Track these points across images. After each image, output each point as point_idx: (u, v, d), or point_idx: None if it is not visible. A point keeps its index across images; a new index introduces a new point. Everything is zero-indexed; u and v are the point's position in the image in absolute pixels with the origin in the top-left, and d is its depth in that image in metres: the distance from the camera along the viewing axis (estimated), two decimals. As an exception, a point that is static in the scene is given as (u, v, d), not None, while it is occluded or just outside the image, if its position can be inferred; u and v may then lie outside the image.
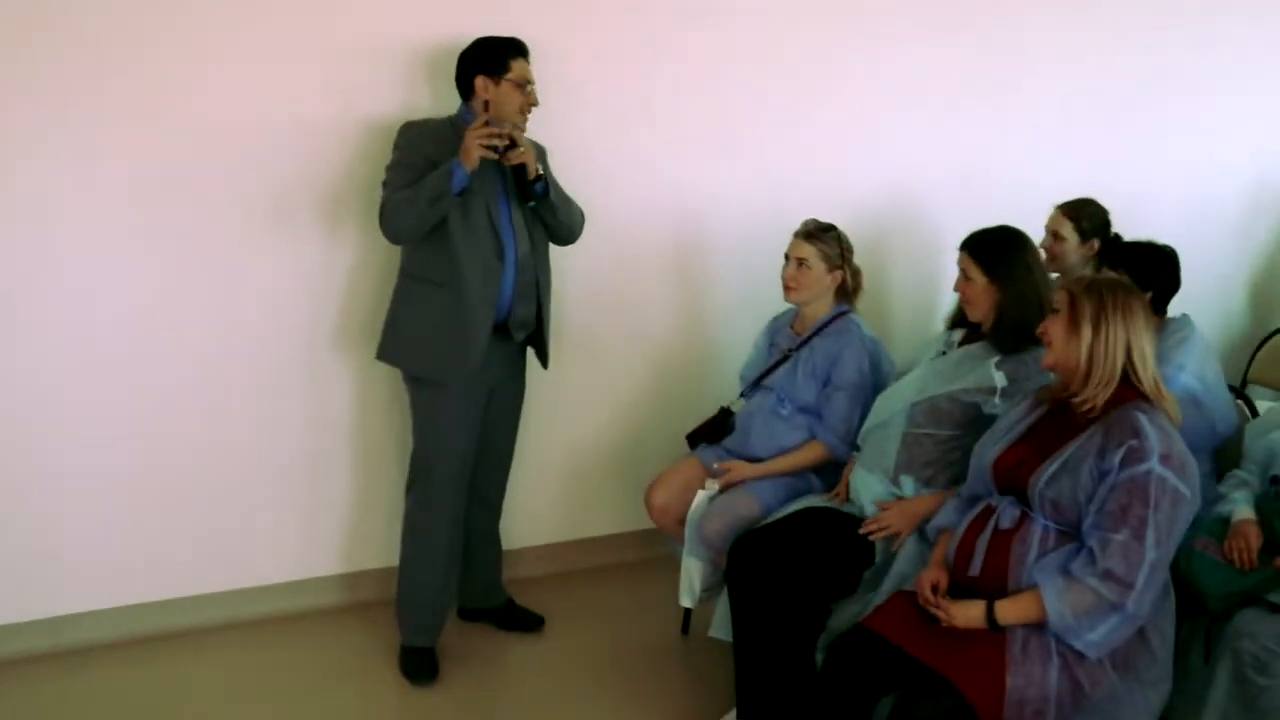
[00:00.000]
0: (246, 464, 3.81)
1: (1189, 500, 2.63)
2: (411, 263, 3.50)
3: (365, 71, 3.67)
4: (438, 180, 3.28)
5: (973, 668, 2.60)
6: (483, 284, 3.41)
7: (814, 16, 4.34)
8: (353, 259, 3.79)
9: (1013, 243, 3.23)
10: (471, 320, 3.40)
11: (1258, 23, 5.22)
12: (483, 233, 3.40)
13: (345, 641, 3.83)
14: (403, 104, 3.70)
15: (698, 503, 3.59)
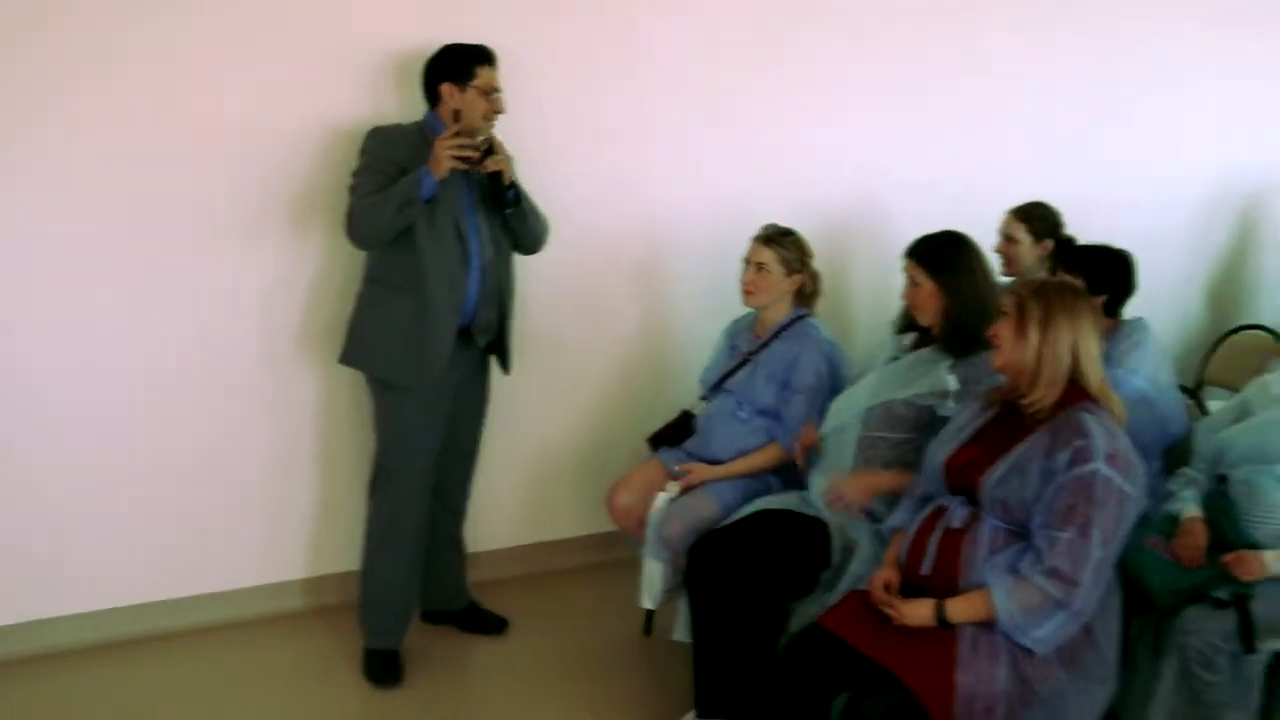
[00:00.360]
0: (210, 468, 3.83)
1: (1134, 499, 2.69)
2: (376, 268, 3.52)
3: (332, 76, 3.69)
4: (406, 187, 3.30)
5: (923, 665, 2.65)
6: (448, 290, 3.43)
7: (780, 22, 4.38)
8: (318, 264, 3.80)
9: (958, 247, 3.28)
10: (436, 326, 3.43)
11: (1214, 29, 5.28)
12: (448, 239, 3.43)
13: (309, 645, 3.85)
14: (370, 110, 3.72)
15: (658, 505, 3.62)
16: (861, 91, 4.60)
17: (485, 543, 4.24)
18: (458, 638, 3.94)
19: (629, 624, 4.02)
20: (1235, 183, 5.58)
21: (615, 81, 4.16)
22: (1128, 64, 5.13)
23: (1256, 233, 5.68)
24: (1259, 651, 2.94)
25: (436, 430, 3.60)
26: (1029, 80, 4.92)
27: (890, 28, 4.60)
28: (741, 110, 4.39)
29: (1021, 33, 4.86)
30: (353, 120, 3.68)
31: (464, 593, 4.00)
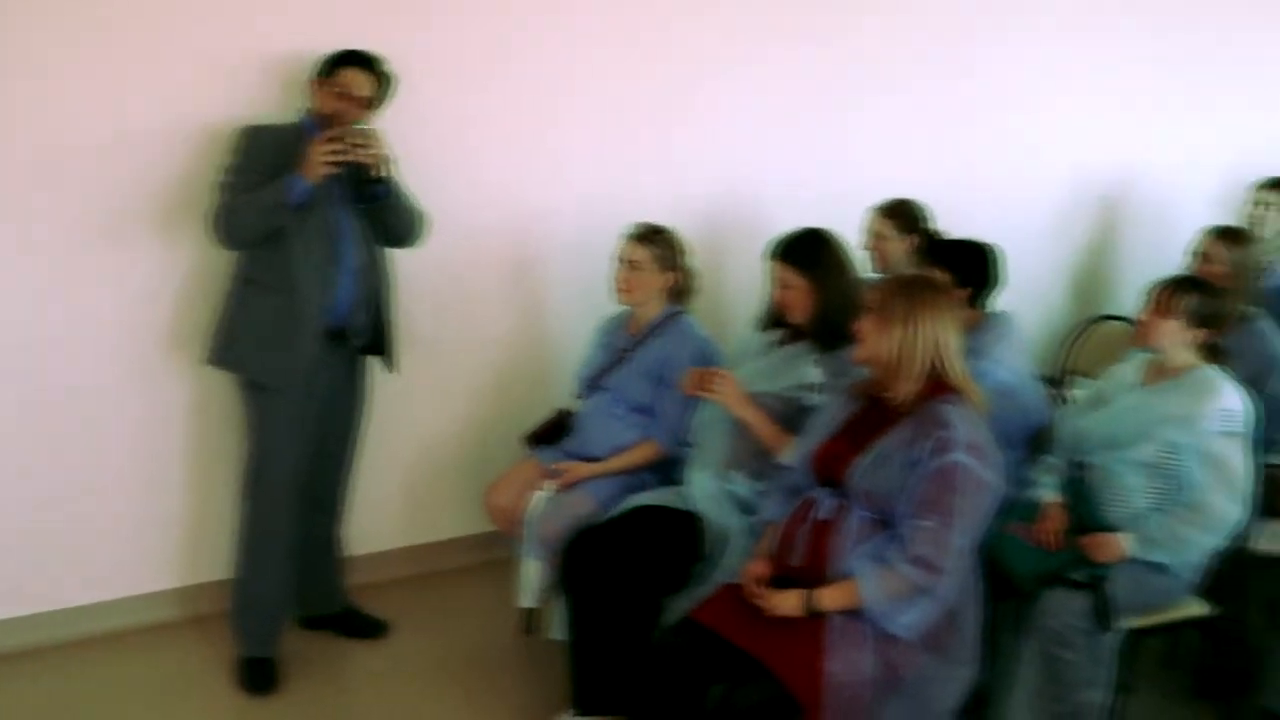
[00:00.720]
0: (77, 475, 3.73)
1: (993, 488, 2.79)
2: (245, 267, 3.47)
3: (205, 77, 3.63)
4: (275, 192, 3.26)
5: (793, 655, 2.70)
6: (317, 291, 3.40)
7: (651, 23, 4.41)
8: (190, 265, 3.73)
9: (822, 243, 3.35)
10: (303, 326, 3.39)
11: (1071, 30, 5.44)
12: (319, 239, 3.39)
13: (183, 656, 3.78)
14: (246, 110, 3.64)
15: (535, 504, 3.64)
16: (732, 91, 4.65)
17: (364, 545, 4.20)
18: (336, 643, 3.90)
19: (509, 624, 4.01)
20: (1094, 178, 5.74)
21: (490, 81, 4.15)
22: (987, 63, 5.25)
23: (1116, 226, 5.86)
24: (1114, 630, 3.07)
25: (307, 433, 3.56)
26: (894, 80, 5.01)
27: (759, 29, 4.65)
28: (615, 109, 4.41)
29: (886, 34, 4.95)
30: (228, 121, 3.60)
31: (341, 596, 3.96)
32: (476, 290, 4.29)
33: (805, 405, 3.27)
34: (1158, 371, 3.32)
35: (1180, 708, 3.64)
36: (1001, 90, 5.32)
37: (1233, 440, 3.13)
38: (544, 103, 4.27)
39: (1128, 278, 5.86)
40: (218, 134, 3.60)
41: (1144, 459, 3.18)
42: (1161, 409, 3.19)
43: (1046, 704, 3.07)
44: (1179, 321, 3.23)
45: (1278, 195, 5.01)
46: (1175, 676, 3.81)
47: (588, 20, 4.29)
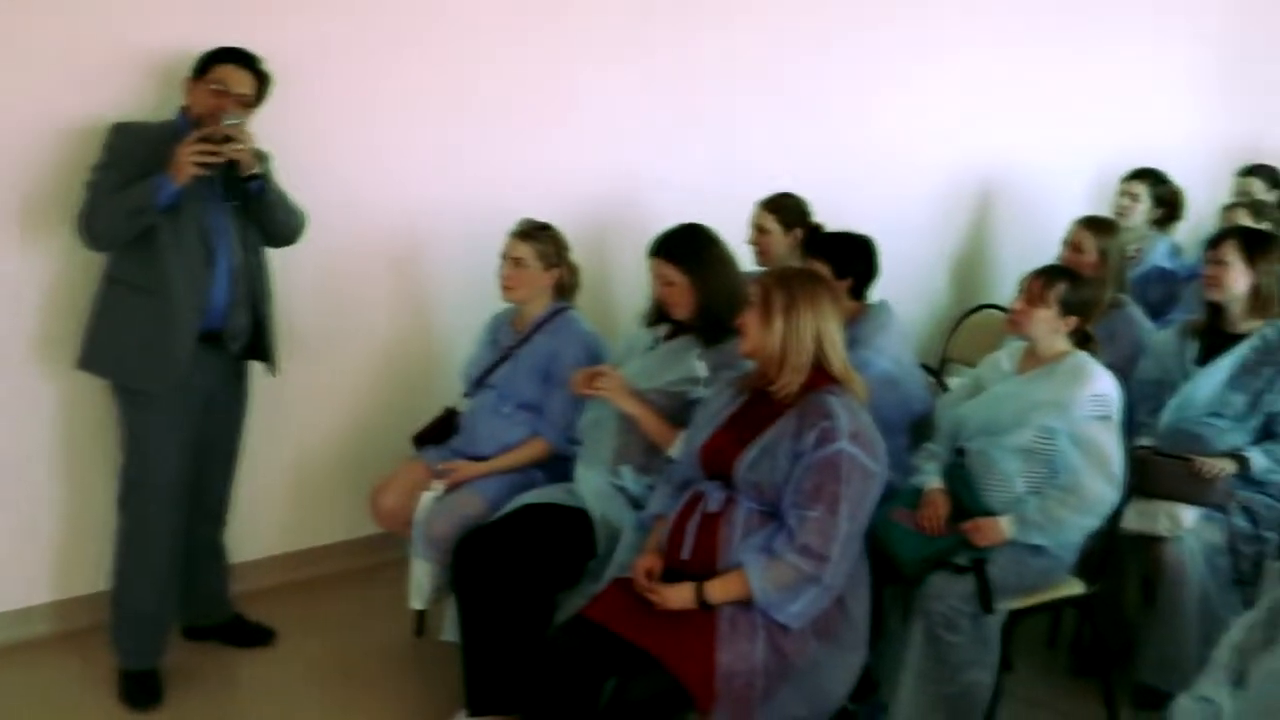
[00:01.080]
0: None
1: (877, 475, 2.83)
2: (116, 267, 3.38)
3: (72, 73, 3.54)
4: (142, 194, 3.18)
5: (684, 647, 2.72)
6: (189, 292, 3.33)
7: (537, 21, 4.41)
8: (58, 265, 3.62)
9: (702, 238, 3.38)
10: (177, 329, 3.32)
11: (950, 28, 5.56)
12: (192, 239, 3.32)
13: (60, 673, 3.66)
14: (116, 108, 3.54)
15: (423, 504, 3.60)
16: (617, 88, 4.66)
17: (248, 552, 4.12)
18: (222, 652, 3.82)
19: (400, 626, 3.97)
20: (972, 171, 5.88)
21: (374, 79, 4.11)
22: (866, 60, 5.34)
23: (993, 218, 6.01)
24: (996, 612, 3.14)
25: (185, 438, 3.48)
26: (773, 76, 5.07)
27: (643, 25, 4.68)
28: (499, 106, 4.39)
29: (766, 32, 5.00)
30: (98, 118, 3.50)
31: (227, 605, 3.88)
32: (360, 289, 4.24)
33: (691, 399, 3.30)
34: (1032, 359, 3.40)
35: (1061, 685, 3.74)
36: (881, 86, 5.42)
37: (1105, 424, 3.22)
38: (427, 99, 4.24)
39: (1005, 268, 6.00)
40: (87, 132, 3.49)
41: (1021, 444, 3.26)
42: (1036, 395, 3.27)
43: (934, 685, 3.12)
44: (1051, 310, 3.31)
45: (1143, 185, 5.19)
46: (1056, 655, 3.92)
47: (473, 16, 4.27)
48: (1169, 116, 6.53)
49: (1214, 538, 3.49)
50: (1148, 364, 3.88)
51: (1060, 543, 3.22)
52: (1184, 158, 6.09)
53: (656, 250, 3.40)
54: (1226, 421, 3.60)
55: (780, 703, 2.76)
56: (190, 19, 3.65)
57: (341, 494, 4.34)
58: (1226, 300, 3.68)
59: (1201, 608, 3.46)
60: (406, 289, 4.37)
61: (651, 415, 3.34)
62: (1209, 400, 3.62)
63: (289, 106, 3.71)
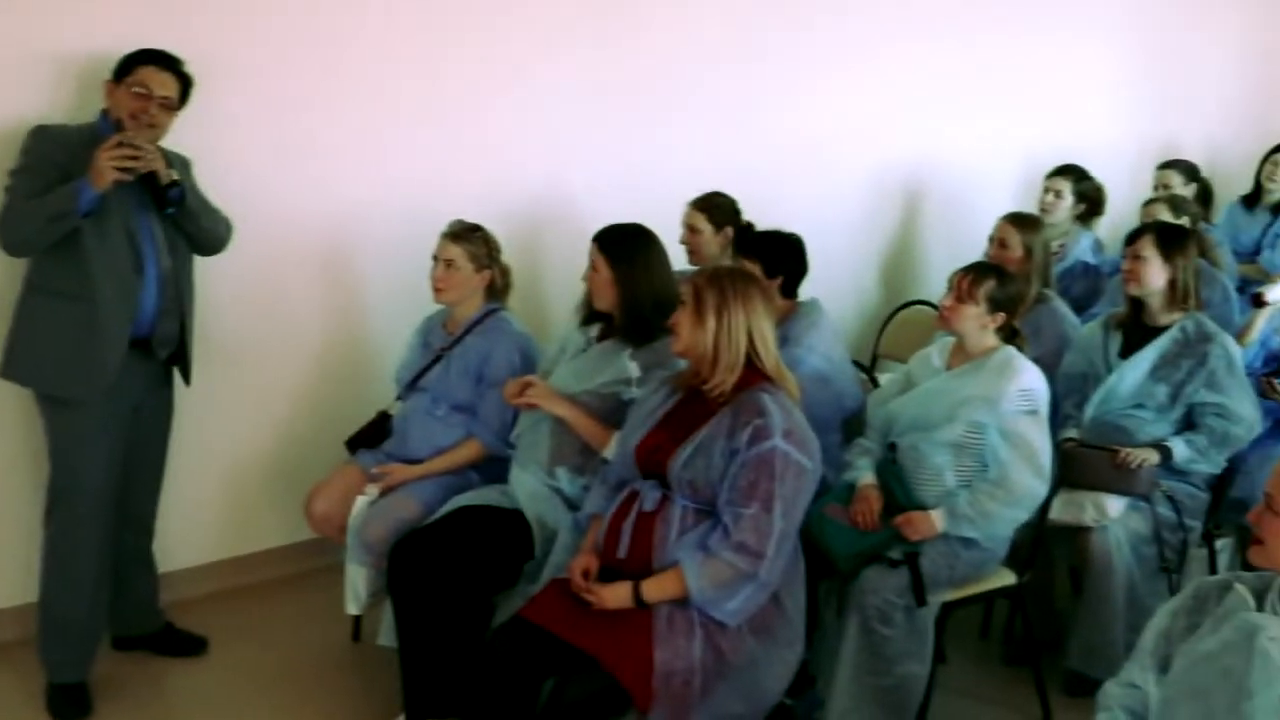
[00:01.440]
0: None
1: (810, 472, 2.85)
2: (39, 274, 3.32)
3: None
4: (62, 199, 3.11)
5: (622, 646, 2.73)
6: (118, 299, 3.28)
7: (466, 21, 4.39)
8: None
9: (640, 241, 3.39)
10: (105, 336, 3.26)
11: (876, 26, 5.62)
12: (119, 245, 3.27)
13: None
14: (33, 108, 3.49)
15: (358, 509, 3.57)
16: (547, 92, 4.66)
17: (178, 560, 4.06)
18: (153, 662, 3.76)
19: (336, 632, 3.94)
20: (899, 168, 5.94)
21: (301, 81, 4.08)
22: (793, 59, 5.37)
23: (920, 215, 6.08)
24: (929, 604, 3.18)
25: (114, 447, 3.43)
26: (703, 78, 5.09)
27: (575, 28, 4.68)
28: (429, 107, 4.38)
29: (694, 33, 5.03)
30: (16, 121, 3.44)
31: (157, 614, 3.83)
32: (289, 293, 4.21)
33: (624, 400, 3.31)
34: (961, 354, 3.45)
35: (993, 675, 3.80)
36: (809, 86, 5.46)
37: (1032, 418, 3.27)
38: (355, 100, 4.21)
39: (933, 264, 6.08)
40: (4, 135, 3.44)
41: (951, 439, 3.30)
42: (965, 391, 3.31)
43: (869, 678, 3.16)
44: (979, 307, 3.36)
45: (1066, 182, 5.27)
46: (988, 646, 3.98)
47: (402, 16, 4.25)
48: (1091, 114, 6.64)
49: (1139, 527, 3.57)
50: (1072, 357, 3.95)
51: (991, 535, 3.27)
52: (1105, 154, 6.22)
53: (597, 237, 3.41)
54: (1149, 413, 3.68)
55: (718, 700, 2.77)
56: (109, 20, 3.59)
57: (275, 500, 4.29)
58: (1145, 294, 3.77)
59: (1128, 596, 3.54)
60: (336, 292, 4.34)
61: (584, 417, 3.34)
62: (1132, 392, 3.70)
63: (209, 109, 3.66)
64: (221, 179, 3.67)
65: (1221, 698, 1.91)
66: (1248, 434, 3.65)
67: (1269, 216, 5.92)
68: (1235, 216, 6.05)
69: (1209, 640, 1.97)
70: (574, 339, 3.54)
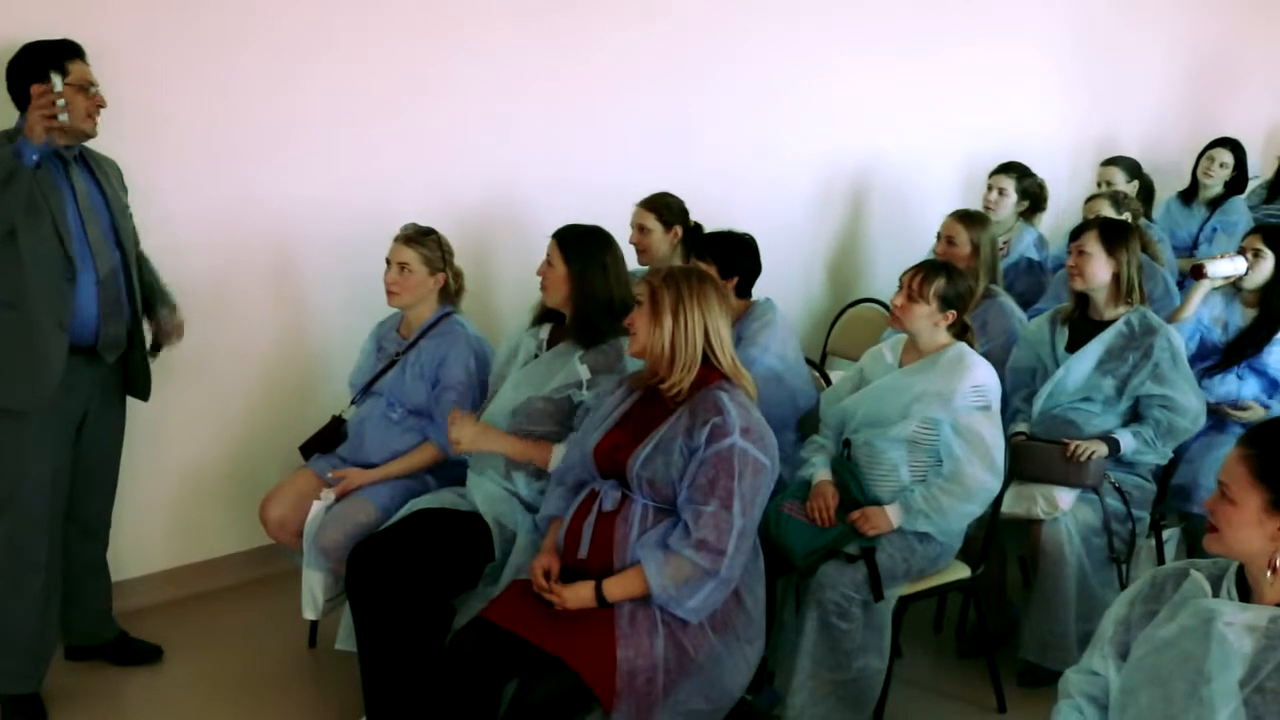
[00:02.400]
0: None
1: (769, 469, 2.87)
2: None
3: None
4: (3, 162, 3.04)
5: (585, 646, 2.74)
6: (53, 304, 3.22)
7: (410, 21, 4.37)
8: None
9: (597, 242, 3.40)
10: (42, 345, 3.22)
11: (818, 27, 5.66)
12: (50, 252, 3.20)
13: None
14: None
15: (314, 513, 3.56)
16: (497, 93, 4.65)
17: (131, 569, 4.03)
18: (108, 671, 3.73)
19: (292, 638, 3.92)
20: (842, 169, 5.99)
21: (244, 82, 4.04)
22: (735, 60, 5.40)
23: (865, 214, 6.13)
24: (886, 598, 3.22)
25: (61, 455, 3.38)
26: (651, 81, 5.11)
27: (526, 28, 4.68)
28: (378, 110, 4.36)
29: (641, 36, 5.04)
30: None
31: (111, 623, 3.78)
32: (242, 294, 4.18)
33: (576, 402, 3.33)
34: (913, 352, 3.48)
35: (948, 668, 3.85)
36: (751, 86, 5.49)
37: (985, 414, 3.31)
38: (305, 101, 4.19)
39: (878, 262, 6.14)
40: None
41: (904, 435, 3.34)
42: (918, 387, 3.35)
43: (828, 673, 3.20)
44: (930, 305, 3.40)
45: (1009, 179, 5.34)
46: (942, 639, 4.03)
47: (346, 18, 4.22)
48: (1029, 111, 6.72)
49: (1089, 518, 3.63)
50: (1020, 352, 4.01)
51: (945, 529, 3.31)
52: (1044, 150, 6.32)
53: (556, 233, 3.43)
54: (1097, 405, 3.75)
55: (681, 697, 2.79)
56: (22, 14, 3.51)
57: (228, 506, 4.26)
58: (1090, 289, 3.83)
59: (1079, 586, 3.60)
60: (285, 297, 4.31)
61: (519, 445, 3.35)
62: (1079, 386, 3.77)
63: (146, 111, 3.61)
64: (160, 184, 3.63)
65: (1180, 683, 1.95)
66: (1193, 425, 3.72)
67: (1206, 211, 6.03)
68: (1173, 212, 6.15)
69: (1167, 627, 2.01)
70: (525, 343, 3.53)
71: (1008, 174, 5.37)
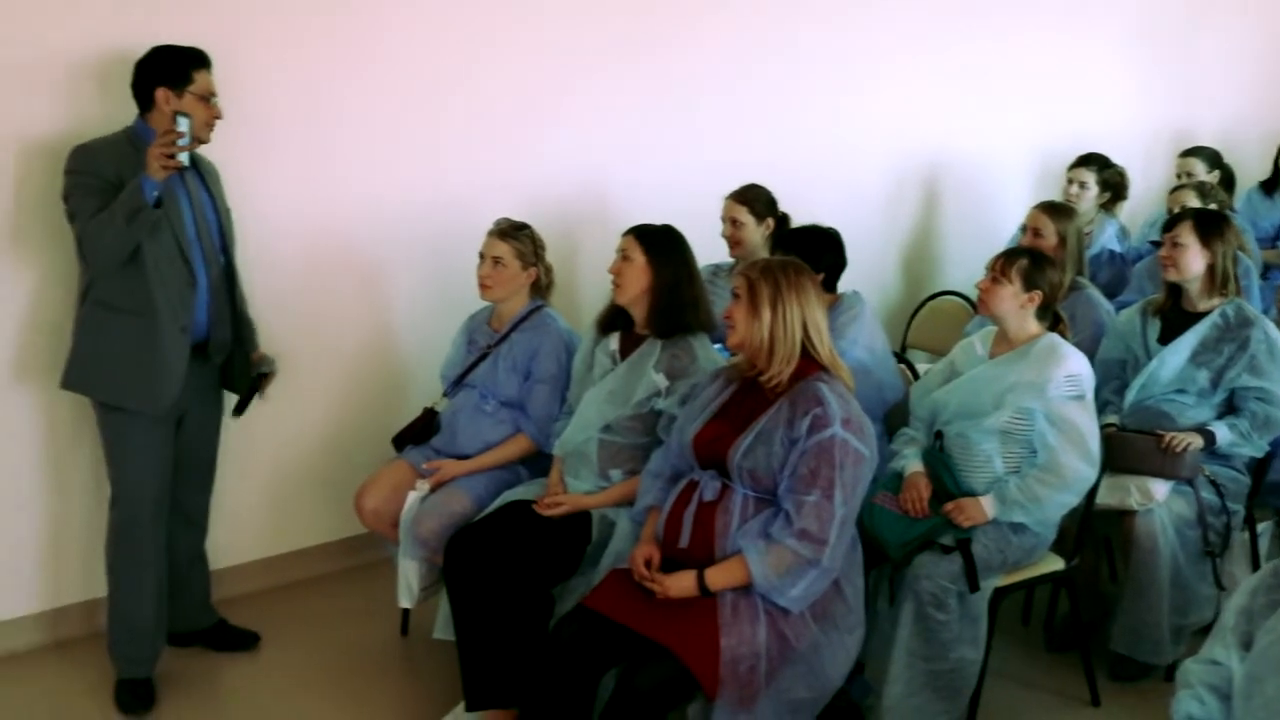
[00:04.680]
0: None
1: (869, 459, 2.89)
2: (97, 289, 3.32)
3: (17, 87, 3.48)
4: (130, 197, 3.13)
5: (688, 634, 2.76)
6: (175, 312, 3.32)
7: (503, 20, 4.42)
8: (31, 286, 3.61)
9: (673, 235, 3.46)
10: (167, 351, 3.32)
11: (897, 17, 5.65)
12: (172, 258, 3.31)
13: (49, 684, 3.63)
14: (68, 121, 3.52)
15: (409, 504, 3.61)
16: (583, 92, 4.70)
17: (230, 557, 4.11)
18: (208, 657, 3.80)
19: (386, 626, 3.98)
20: (917, 161, 5.98)
21: (337, 82, 4.10)
22: (813, 60, 5.41)
23: (938, 208, 6.12)
24: (981, 590, 3.22)
25: (167, 450, 3.47)
26: (730, 79, 5.13)
27: (614, 31, 4.73)
28: (465, 108, 4.41)
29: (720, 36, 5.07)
30: (50, 133, 3.49)
31: (211, 610, 3.87)
32: (334, 290, 4.24)
33: (658, 411, 3.36)
34: (1004, 343, 3.47)
35: (1038, 661, 3.84)
36: (827, 83, 5.50)
37: (1079, 403, 3.30)
38: (394, 101, 4.24)
39: (953, 255, 6.13)
40: (43, 147, 3.48)
41: (998, 426, 3.33)
42: (1011, 377, 3.33)
43: (924, 664, 3.20)
44: (1014, 286, 3.38)
45: (1089, 171, 5.30)
46: (1030, 632, 4.02)
47: (438, 17, 4.27)
48: (1105, 101, 6.68)
49: (1183, 510, 3.61)
50: (1110, 344, 3.98)
51: (1041, 520, 3.31)
52: (1119, 142, 6.25)
53: (631, 229, 3.46)
54: (1191, 397, 3.71)
55: (783, 685, 2.81)
56: (128, 19, 3.58)
57: (322, 496, 4.33)
58: (1184, 280, 3.79)
59: (1173, 579, 3.58)
60: (376, 291, 4.36)
61: (606, 496, 3.41)
62: (1173, 378, 3.73)
63: (245, 117, 3.67)
64: (254, 184, 3.72)
65: (1307, 670, 1.95)
66: (1290, 418, 3.68)
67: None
68: (1254, 202, 6.04)
69: (1292, 616, 2.01)
70: (599, 359, 3.56)
71: (1088, 167, 5.34)
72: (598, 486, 3.42)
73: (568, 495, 3.44)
